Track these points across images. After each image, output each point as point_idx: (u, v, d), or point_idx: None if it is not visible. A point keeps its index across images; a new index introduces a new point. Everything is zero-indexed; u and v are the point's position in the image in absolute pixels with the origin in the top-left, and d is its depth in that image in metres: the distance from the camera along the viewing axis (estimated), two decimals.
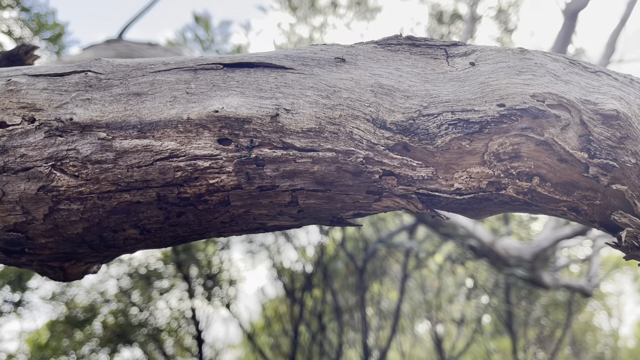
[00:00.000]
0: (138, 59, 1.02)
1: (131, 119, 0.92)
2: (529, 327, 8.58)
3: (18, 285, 6.91)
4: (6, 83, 1.01)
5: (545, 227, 5.95)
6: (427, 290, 8.41)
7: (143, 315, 7.43)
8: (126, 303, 7.34)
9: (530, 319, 8.36)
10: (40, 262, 1.09)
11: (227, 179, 0.90)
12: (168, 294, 7.44)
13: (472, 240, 5.01)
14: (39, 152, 0.94)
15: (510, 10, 6.40)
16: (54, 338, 7.19)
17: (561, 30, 5.12)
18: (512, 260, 5.32)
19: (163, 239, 1.01)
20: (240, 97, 0.91)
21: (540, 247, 5.56)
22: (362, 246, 6.60)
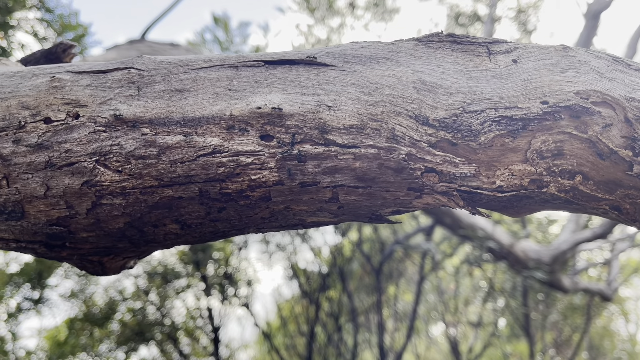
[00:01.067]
0: (179, 56, 1.03)
1: (174, 115, 0.94)
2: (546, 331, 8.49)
3: (38, 282, 7.01)
4: (50, 80, 1.03)
5: (565, 230, 5.89)
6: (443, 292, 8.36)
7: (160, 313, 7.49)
8: (144, 301, 7.41)
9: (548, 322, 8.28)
10: (80, 257, 1.10)
11: (269, 175, 0.90)
12: (185, 293, 7.50)
13: (491, 242, 4.97)
14: (83, 148, 0.96)
15: (529, 10, 6.35)
16: (72, 335, 7.28)
17: (583, 32, 5.06)
18: (531, 263, 5.27)
19: (203, 234, 1.02)
20: (282, 93, 0.92)
21: (560, 250, 5.50)
22: (379, 248, 6.58)
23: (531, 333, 7.51)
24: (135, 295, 7.52)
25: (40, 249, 1.09)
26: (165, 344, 7.57)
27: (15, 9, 4.06)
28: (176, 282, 7.34)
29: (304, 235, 7.29)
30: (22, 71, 1.11)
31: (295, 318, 7.63)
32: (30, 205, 1.00)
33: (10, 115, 1.02)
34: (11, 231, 1.05)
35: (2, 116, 1.02)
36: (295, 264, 7.66)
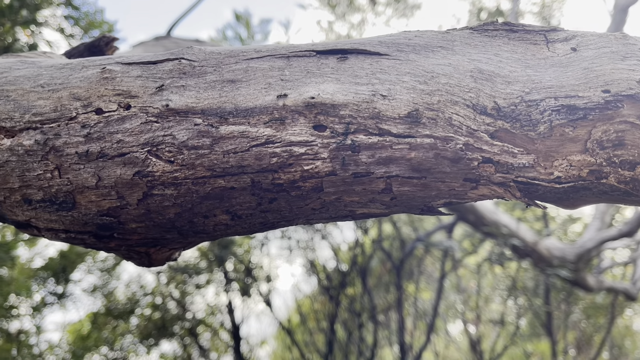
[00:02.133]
0: (228, 47, 1.03)
1: (226, 106, 0.93)
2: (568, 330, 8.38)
3: (62, 277, 7.11)
4: (101, 71, 1.04)
5: (590, 228, 5.80)
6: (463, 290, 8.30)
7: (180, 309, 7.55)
8: (165, 296, 7.48)
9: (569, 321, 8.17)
10: (128, 247, 1.11)
11: (322, 165, 0.90)
12: (205, 289, 7.55)
13: (515, 240, 4.91)
14: (135, 138, 0.96)
15: (554, 5, 6.26)
16: (95, 329, 7.38)
17: (610, 26, 4.97)
18: (555, 261, 5.20)
19: (252, 225, 1.02)
20: (335, 83, 0.91)
21: (585, 248, 5.41)
22: (399, 245, 6.56)
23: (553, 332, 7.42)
24: (157, 290, 7.59)
25: (89, 240, 1.10)
26: (186, 339, 7.64)
27: (42, 7, 4.11)
28: (197, 278, 7.39)
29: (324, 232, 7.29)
30: (72, 63, 1.12)
31: (314, 314, 7.64)
32: (81, 195, 1.01)
33: (62, 107, 1.03)
34: (62, 221, 1.06)
35: (53, 107, 1.03)
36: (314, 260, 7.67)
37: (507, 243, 4.97)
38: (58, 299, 7.23)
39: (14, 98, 1.07)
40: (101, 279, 7.42)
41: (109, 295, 7.59)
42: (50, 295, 7.17)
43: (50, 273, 7.03)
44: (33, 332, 7.06)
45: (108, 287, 7.59)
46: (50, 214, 1.06)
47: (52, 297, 7.19)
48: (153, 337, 7.42)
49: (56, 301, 7.24)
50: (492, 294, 8.20)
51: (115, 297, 7.62)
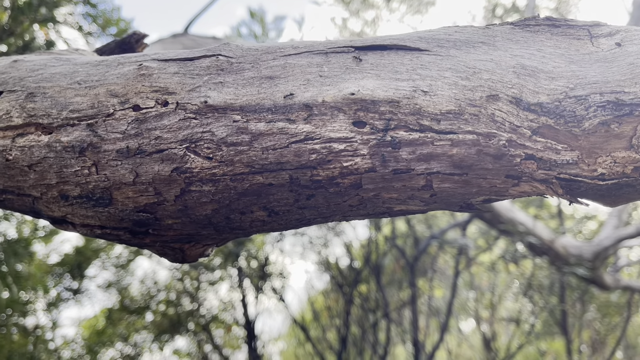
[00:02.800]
0: (266, 43, 1.03)
1: (265, 102, 0.93)
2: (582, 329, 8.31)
3: (77, 273, 7.18)
4: (138, 67, 1.04)
5: (607, 226, 5.74)
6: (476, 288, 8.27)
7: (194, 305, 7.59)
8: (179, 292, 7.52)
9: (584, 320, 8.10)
10: (163, 243, 1.12)
11: (362, 162, 0.89)
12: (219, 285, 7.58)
13: (532, 238, 4.88)
14: (174, 135, 0.96)
15: (571, 1, 6.19)
16: (109, 325, 7.44)
17: (629, 22, 4.91)
18: (572, 259, 5.16)
19: (289, 221, 1.02)
20: (375, 79, 0.90)
21: (602, 246, 5.36)
22: (413, 243, 6.54)
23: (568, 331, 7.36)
24: (170, 286, 7.64)
25: (124, 236, 1.10)
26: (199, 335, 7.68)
27: (60, 4, 4.14)
28: (210, 274, 7.43)
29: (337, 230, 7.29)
30: (107, 60, 1.13)
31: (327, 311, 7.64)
32: (118, 191, 1.02)
33: (99, 103, 1.03)
34: (98, 217, 1.07)
35: (91, 104, 1.04)
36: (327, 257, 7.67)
37: (524, 241, 4.94)
38: (73, 294, 7.30)
39: (51, 95, 1.08)
40: (116, 275, 7.48)
41: (123, 291, 7.65)
42: (66, 291, 7.24)
43: (65, 269, 7.10)
44: (49, 328, 7.14)
45: (122, 283, 7.65)
46: (87, 210, 1.07)
47: (67, 293, 7.27)
48: (167, 333, 7.47)
49: (71, 297, 7.31)
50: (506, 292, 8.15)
51: (129, 293, 7.68)
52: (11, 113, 1.09)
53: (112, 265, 7.47)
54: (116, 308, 7.56)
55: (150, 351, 7.89)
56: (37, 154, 1.05)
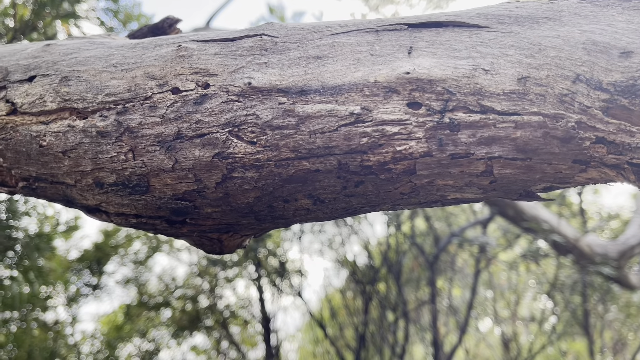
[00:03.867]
0: (311, 22, 0.98)
1: (312, 83, 0.88)
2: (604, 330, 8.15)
3: (96, 269, 7.22)
4: (176, 49, 1.00)
5: (632, 225, 5.60)
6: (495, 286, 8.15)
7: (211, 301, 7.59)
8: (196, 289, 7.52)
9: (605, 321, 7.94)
10: (201, 233, 1.07)
11: (416, 146, 0.84)
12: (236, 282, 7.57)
13: (556, 236, 4.77)
14: (216, 118, 0.92)
15: None
16: (128, 321, 7.47)
17: None
18: (597, 258, 5.04)
19: (334, 210, 0.96)
20: (432, 57, 0.85)
21: (628, 245, 5.23)
22: (432, 240, 6.45)
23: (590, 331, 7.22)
24: (188, 283, 7.65)
25: (160, 225, 1.06)
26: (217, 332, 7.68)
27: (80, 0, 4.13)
28: (229, 271, 7.42)
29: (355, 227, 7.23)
30: (143, 42, 1.08)
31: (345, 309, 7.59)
32: (156, 178, 0.97)
33: (136, 86, 0.99)
34: (134, 206, 1.03)
35: (127, 87, 1.00)
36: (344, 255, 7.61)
37: (548, 239, 4.83)
38: (92, 290, 7.34)
39: (86, 78, 1.04)
40: (134, 271, 7.50)
41: (142, 287, 7.68)
42: (85, 287, 7.29)
43: (85, 265, 7.14)
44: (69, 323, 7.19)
45: (141, 280, 7.68)
46: (122, 197, 1.03)
47: (86, 289, 7.31)
48: (184, 329, 7.48)
49: (90, 292, 7.35)
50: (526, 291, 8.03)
51: (147, 289, 7.70)
52: (45, 98, 1.06)
53: (131, 262, 7.49)
54: (134, 304, 7.59)
55: (167, 347, 7.92)
56: (71, 140, 1.01)
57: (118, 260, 7.40)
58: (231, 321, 7.70)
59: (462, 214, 7.00)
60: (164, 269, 7.80)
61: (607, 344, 8.37)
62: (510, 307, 7.93)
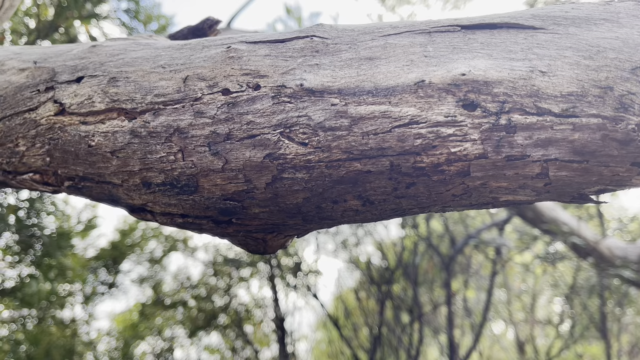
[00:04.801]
0: (361, 23, 0.98)
1: (365, 84, 0.88)
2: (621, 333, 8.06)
3: (112, 267, 7.28)
4: (226, 50, 1.00)
5: None
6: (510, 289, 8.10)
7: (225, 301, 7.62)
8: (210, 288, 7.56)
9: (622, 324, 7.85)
10: (246, 233, 1.08)
11: (471, 148, 0.84)
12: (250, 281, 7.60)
13: (576, 238, 4.73)
14: (267, 119, 0.92)
15: None
16: (143, 319, 7.52)
17: None
18: (617, 261, 4.99)
19: (383, 211, 0.96)
20: (487, 59, 0.85)
21: None
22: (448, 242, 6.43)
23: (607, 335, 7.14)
24: (202, 282, 7.68)
25: (207, 225, 1.07)
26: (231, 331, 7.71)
27: (105, 0, 4.17)
28: (242, 271, 7.45)
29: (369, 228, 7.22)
30: (190, 43, 1.09)
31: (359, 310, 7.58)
32: (205, 179, 0.98)
33: (185, 87, 1.00)
34: (181, 205, 1.04)
35: (177, 88, 1.00)
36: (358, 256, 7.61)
37: (567, 241, 4.79)
38: (108, 288, 7.40)
39: (134, 79, 1.05)
40: (149, 270, 7.56)
41: (157, 286, 7.73)
42: (101, 285, 7.35)
43: (101, 263, 7.20)
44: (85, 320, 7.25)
45: (156, 279, 7.73)
46: (170, 197, 1.03)
47: (102, 287, 7.38)
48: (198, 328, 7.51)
49: (106, 291, 7.42)
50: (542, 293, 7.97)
51: (162, 288, 7.75)
52: (93, 98, 1.07)
53: (146, 260, 7.55)
54: (149, 303, 7.64)
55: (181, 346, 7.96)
56: (120, 140, 1.02)
57: (134, 259, 7.46)
58: (245, 320, 7.72)
59: (479, 216, 6.97)
60: (179, 268, 7.84)
61: (623, 348, 8.28)
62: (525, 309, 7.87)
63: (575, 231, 4.76)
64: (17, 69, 1.20)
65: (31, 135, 1.15)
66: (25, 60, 1.22)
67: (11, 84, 1.19)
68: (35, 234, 4.00)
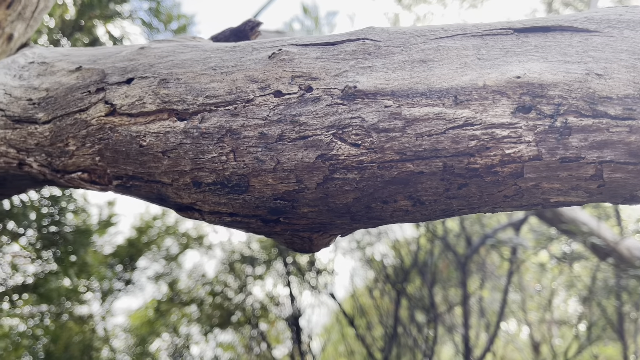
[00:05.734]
0: (412, 26, 0.99)
1: (418, 87, 0.90)
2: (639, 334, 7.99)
3: (129, 264, 7.35)
4: (277, 52, 1.02)
5: None
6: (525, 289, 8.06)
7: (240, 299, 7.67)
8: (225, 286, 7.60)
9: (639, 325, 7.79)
10: (293, 232, 1.10)
11: (526, 149, 0.85)
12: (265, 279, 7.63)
13: (595, 239, 4.70)
14: (320, 121, 0.94)
15: None
16: (158, 316, 7.59)
17: None
18: (637, 262, 4.95)
19: (433, 212, 0.98)
20: (542, 62, 0.86)
21: None
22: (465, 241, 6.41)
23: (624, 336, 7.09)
24: (217, 280, 7.74)
25: (254, 224, 1.09)
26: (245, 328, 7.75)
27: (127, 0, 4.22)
28: (257, 268, 7.49)
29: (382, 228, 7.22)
30: (239, 45, 1.11)
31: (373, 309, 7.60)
32: (256, 178, 1.00)
33: (237, 89, 1.02)
34: (231, 205, 1.06)
35: (228, 90, 1.02)
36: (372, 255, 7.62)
37: (587, 242, 4.77)
38: (125, 285, 7.48)
39: (185, 81, 1.07)
40: (166, 267, 7.62)
41: (172, 283, 7.80)
42: (118, 282, 7.43)
43: (118, 260, 7.28)
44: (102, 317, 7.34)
45: (171, 276, 7.79)
46: (220, 197, 1.05)
47: (119, 284, 7.45)
48: (213, 325, 7.57)
49: (123, 287, 7.49)
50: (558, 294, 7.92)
51: (178, 286, 7.81)
52: (144, 99, 1.09)
53: (162, 258, 7.61)
54: (165, 300, 7.71)
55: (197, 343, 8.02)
56: (172, 140, 1.05)
57: (150, 256, 7.53)
58: (260, 318, 7.76)
59: (494, 216, 6.95)
60: (194, 265, 7.90)
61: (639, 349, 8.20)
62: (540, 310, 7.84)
63: (594, 231, 4.73)
64: (67, 70, 1.23)
65: (81, 135, 1.17)
66: (74, 62, 1.25)
67: (62, 85, 1.21)
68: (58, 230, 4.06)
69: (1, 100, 1.29)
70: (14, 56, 1.42)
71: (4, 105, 1.28)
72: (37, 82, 1.26)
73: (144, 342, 7.56)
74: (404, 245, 7.46)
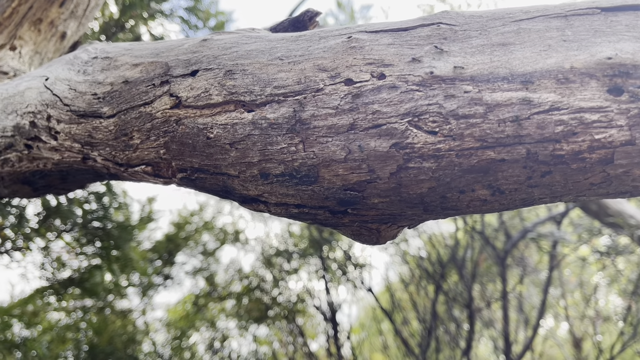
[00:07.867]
0: (489, 10, 0.96)
1: (499, 71, 0.86)
2: None
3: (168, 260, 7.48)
4: (347, 40, 1.00)
5: None
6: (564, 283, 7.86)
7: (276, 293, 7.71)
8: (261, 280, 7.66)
9: None
10: (361, 224, 1.08)
11: (617, 134, 0.81)
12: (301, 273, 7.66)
13: None
14: (394, 109, 0.92)
15: None
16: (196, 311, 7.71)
17: None
18: None
19: (512, 201, 0.94)
20: (634, 42, 0.81)
21: None
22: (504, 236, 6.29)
23: None
24: (254, 273, 7.80)
25: (322, 215, 1.07)
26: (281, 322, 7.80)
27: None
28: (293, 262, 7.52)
29: None
30: (305, 35, 1.10)
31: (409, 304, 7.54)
32: (326, 169, 0.98)
33: (306, 79, 1.00)
34: (299, 196, 1.05)
35: (297, 79, 1.01)
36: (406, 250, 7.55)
37: (634, 235, 4.60)
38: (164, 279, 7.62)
39: (251, 72, 1.06)
40: (203, 263, 7.73)
41: (210, 277, 7.90)
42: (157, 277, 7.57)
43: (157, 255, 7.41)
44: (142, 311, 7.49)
45: (209, 271, 7.90)
46: (288, 188, 1.04)
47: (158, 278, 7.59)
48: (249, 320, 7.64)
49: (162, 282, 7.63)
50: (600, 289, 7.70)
51: (215, 280, 7.91)
52: (210, 91, 1.09)
53: (200, 253, 7.72)
54: (202, 294, 7.82)
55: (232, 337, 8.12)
56: (240, 132, 1.04)
57: (188, 251, 7.64)
58: (296, 312, 7.80)
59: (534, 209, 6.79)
60: (231, 260, 7.99)
61: None
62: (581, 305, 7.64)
63: None
64: (131, 64, 1.24)
65: (146, 128, 1.18)
66: (137, 56, 1.25)
67: (126, 79, 1.22)
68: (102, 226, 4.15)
69: (66, 96, 1.31)
70: (75, 52, 1.44)
71: (69, 100, 1.30)
72: (101, 76, 1.28)
73: (183, 336, 7.69)
74: (441, 240, 7.37)
